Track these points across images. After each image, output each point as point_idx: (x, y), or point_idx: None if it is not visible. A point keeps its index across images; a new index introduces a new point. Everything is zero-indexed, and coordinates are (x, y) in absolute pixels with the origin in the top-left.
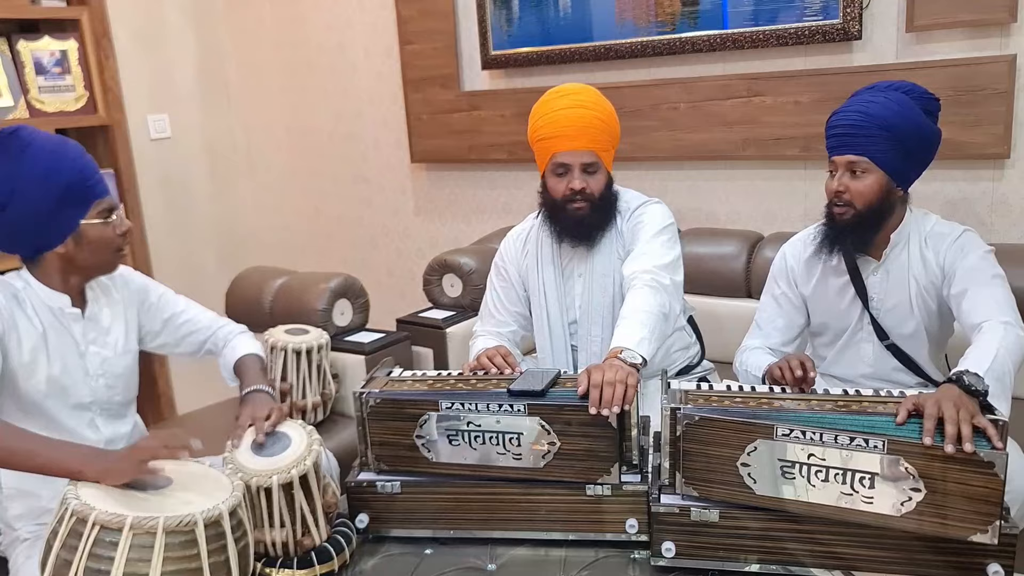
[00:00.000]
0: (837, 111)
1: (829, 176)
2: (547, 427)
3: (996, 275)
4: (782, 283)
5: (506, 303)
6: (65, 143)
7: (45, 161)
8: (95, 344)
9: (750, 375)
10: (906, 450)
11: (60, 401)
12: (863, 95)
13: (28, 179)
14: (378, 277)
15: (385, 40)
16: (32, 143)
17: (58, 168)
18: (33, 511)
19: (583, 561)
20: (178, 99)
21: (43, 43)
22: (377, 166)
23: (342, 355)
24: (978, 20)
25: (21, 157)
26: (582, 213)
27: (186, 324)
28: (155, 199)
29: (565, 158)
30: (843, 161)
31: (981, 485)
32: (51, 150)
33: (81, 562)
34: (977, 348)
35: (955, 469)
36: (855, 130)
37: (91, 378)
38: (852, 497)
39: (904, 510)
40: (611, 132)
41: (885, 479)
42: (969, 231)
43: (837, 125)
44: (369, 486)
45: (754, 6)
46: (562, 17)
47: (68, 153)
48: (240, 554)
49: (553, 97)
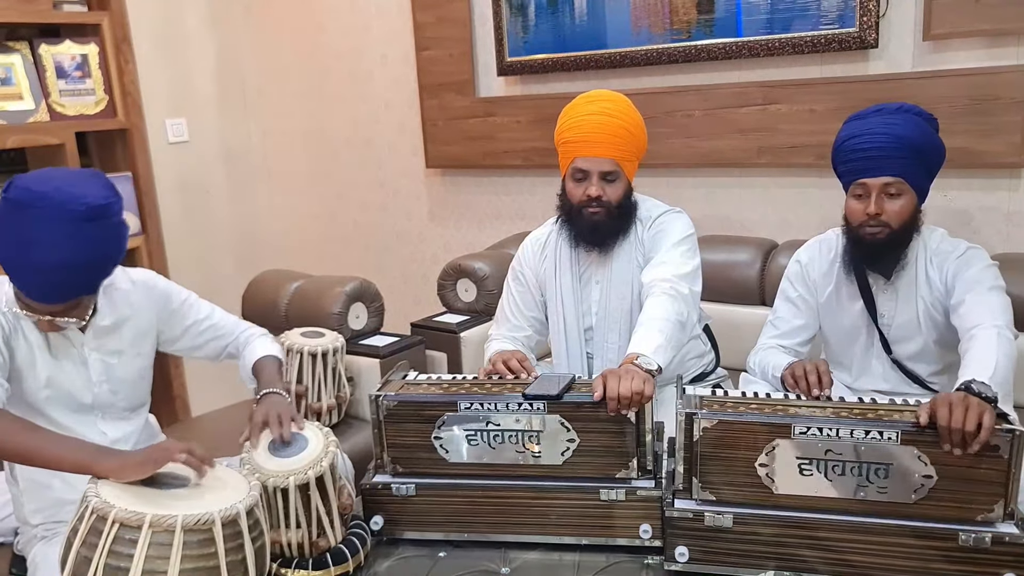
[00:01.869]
0: (855, 134)
1: (854, 199)
2: (567, 424)
3: (995, 286)
4: (799, 286)
5: (522, 307)
6: (33, 246)
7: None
8: (98, 351)
9: (768, 374)
10: (919, 439)
11: (62, 404)
12: (880, 118)
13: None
14: (393, 281)
15: (402, 46)
16: (11, 214)
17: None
18: (47, 503)
19: (596, 566)
20: (196, 103)
21: (64, 47)
22: (393, 171)
23: (357, 358)
24: (995, 29)
25: (22, 222)
26: (598, 219)
27: (208, 330)
28: (172, 202)
29: (585, 164)
30: (878, 184)
31: (988, 467)
32: (51, 243)
33: (101, 559)
34: (976, 355)
35: (964, 454)
36: (888, 152)
37: (93, 384)
38: (868, 488)
39: (916, 497)
40: (636, 142)
41: (899, 468)
42: (973, 247)
43: (864, 148)
44: (384, 488)
45: (769, 14)
46: (578, 24)
47: (22, 253)
48: (257, 553)
49: (582, 102)
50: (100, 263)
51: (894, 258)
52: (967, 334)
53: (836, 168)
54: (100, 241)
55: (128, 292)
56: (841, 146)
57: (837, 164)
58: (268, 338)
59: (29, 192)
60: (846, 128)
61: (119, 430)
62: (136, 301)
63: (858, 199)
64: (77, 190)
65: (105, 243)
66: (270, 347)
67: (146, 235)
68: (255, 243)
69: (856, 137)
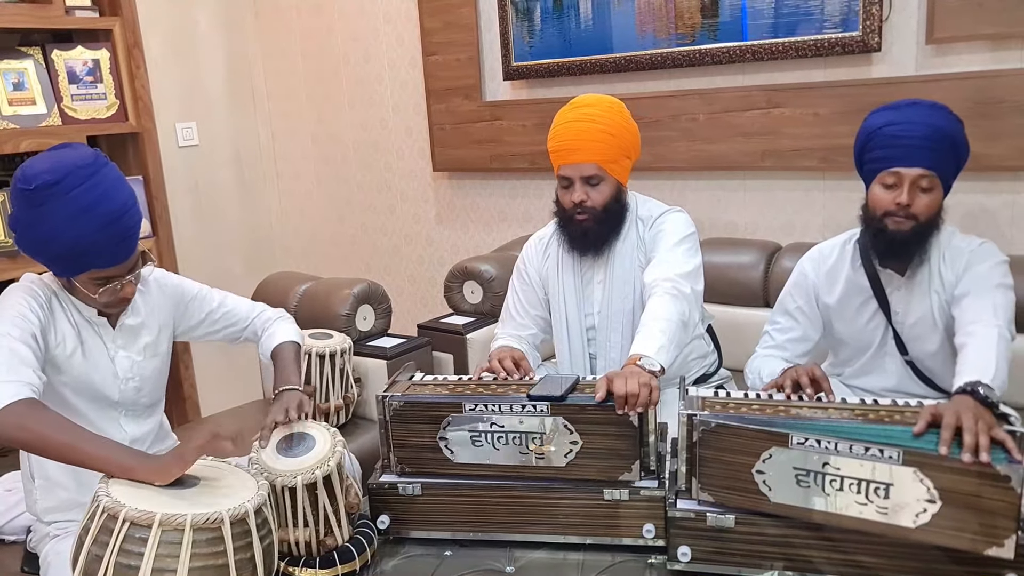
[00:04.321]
0: (894, 121)
1: (882, 188)
2: (570, 426)
3: (1001, 284)
4: (799, 298)
5: (527, 306)
6: (90, 211)
7: (57, 223)
8: (124, 349)
9: (760, 381)
10: (922, 461)
11: (88, 398)
12: (916, 109)
13: (35, 231)
14: (400, 283)
15: (409, 51)
16: (52, 202)
17: (64, 235)
18: (61, 503)
19: (600, 565)
20: (206, 107)
21: (76, 52)
22: (400, 174)
23: (364, 359)
24: (999, 33)
25: (40, 211)
26: (586, 225)
27: (223, 318)
28: (183, 205)
29: (567, 171)
30: (913, 174)
31: (998, 499)
32: (67, 216)
33: (112, 557)
34: (975, 355)
35: (971, 482)
36: (927, 143)
37: (120, 381)
38: (867, 507)
39: (919, 522)
40: (620, 145)
41: (900, 490)
42: (987, 243)
43: (905, 136)
44: (391, 488)
45: (774, 19)
46: (583, 29)
47: (85, 223)
48: (265, 552)
49: (566, 109)
50: (129, 205)
51: (915, 252)
52: (965, 328)
53: (864, 156)
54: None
55: (144, 292)
56: (877, 131)
57: (869, 151)
58: (286, 320)
59: (51, 176)
60: (880, 116)
61: (139, 428)
62: (153, 299)
63: (887, 189)
64: (69, 161)
65: (118, 186)
66: (288, 331)
67: (157, 237)
68: (264, 246)
69: (895, 124)
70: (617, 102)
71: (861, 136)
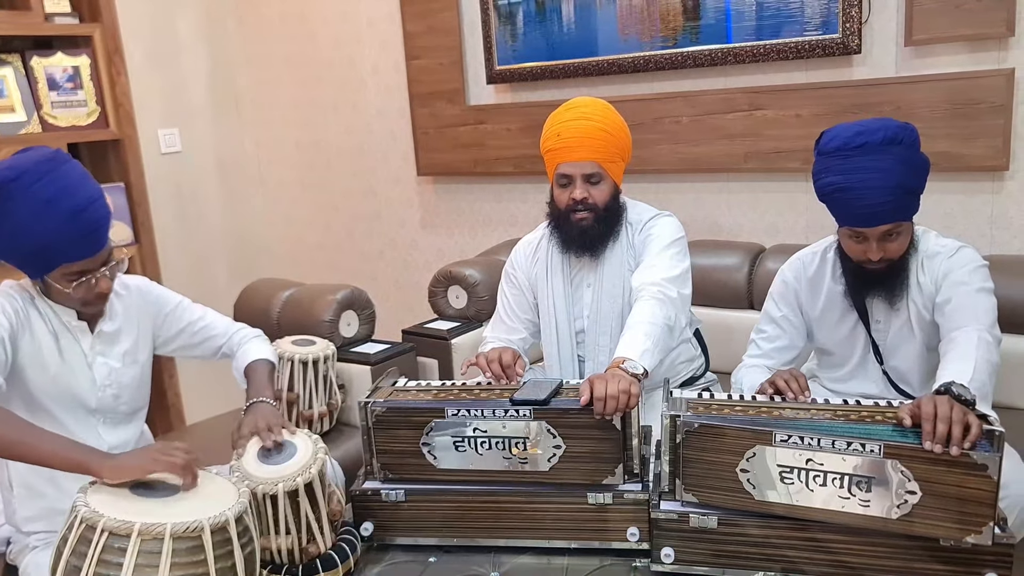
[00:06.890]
0: (842, 186)
1: (851, 239)
2: (553, 431)
3: (982, 288)
4: (783, 306)
5: (516, 310)
6: (54, 204)
7: (21, 218)
8: (103, 355)
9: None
10: (902, 454)
11: (66, 405)
12: (866, 160)
13: (4, 228)
14: (386, 289)
15: (393, 55)
16: (14, 198)
17: (30, 230)
18: (40, 512)
19: (585, 569)
20: (189, 113)
21: (56, 59)
22: (385, 179)
23: (348, 366)
24: (976, 34)
25: (2, 208)
26: (586, 223)
27: (202, 331)
28: (166, 212)
29: (568, 168)
30: (878, 232)
31: (975, 487)
32: (31, 211)
33: (90, 568)
34: (955, 358)
35: (950, 472)
36: (886, 206)
37: (98, 388)
38: (849, 501)
39: (900, 513)
40: (618, 144)
41: (881, 482)
42: (965, 247)
43: (858, 203)
44: (374, 494)
45: (756, 21)
46: (566, 32)
47: (49, 217)
48: (246, 560)
49: (562, 110)
50: (95, 198)
51: (897, 281)
52: (948, 335)
53: (821, 200)
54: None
55: (124, 298)
56: (829, 195)
57: (825, 202)
58: (262, 340)
59: (10, 172)
60: (829, 168)
61: (118, 436)
62: (133, 307)
63: (855, 240)
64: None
65: (82, 181)
66: (263, 350)
67: (139, 245)
68: (248, 252)
69: (845, 191)
70: (610, 105)
71: (815, 185)
